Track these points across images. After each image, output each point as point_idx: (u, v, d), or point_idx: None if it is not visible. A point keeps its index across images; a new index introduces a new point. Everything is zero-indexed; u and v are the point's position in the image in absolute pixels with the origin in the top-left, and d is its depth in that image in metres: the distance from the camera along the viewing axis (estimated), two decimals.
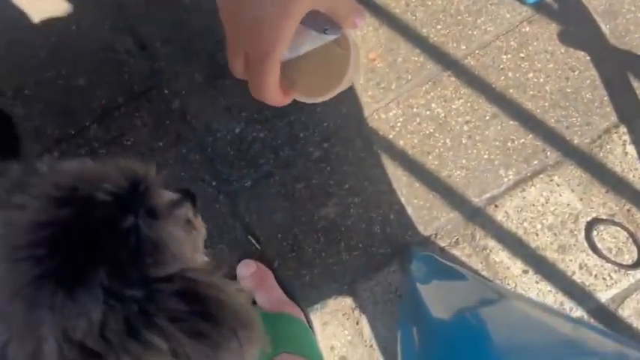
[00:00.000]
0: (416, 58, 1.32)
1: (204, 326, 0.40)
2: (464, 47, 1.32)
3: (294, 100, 0.50)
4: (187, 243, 0.47)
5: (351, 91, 1.31)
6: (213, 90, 1.34)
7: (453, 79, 1.31)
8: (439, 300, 0.82)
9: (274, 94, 0.45)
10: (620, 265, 1.19)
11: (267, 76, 0.42)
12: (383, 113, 1.31)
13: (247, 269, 1.22)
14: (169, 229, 0.44)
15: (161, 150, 1.32)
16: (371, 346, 1.23)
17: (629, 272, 1.19)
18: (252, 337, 0.43)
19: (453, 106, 1.30)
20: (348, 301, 1.26)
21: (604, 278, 1.20)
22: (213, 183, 1.32)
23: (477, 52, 1.31)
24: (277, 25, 0.40)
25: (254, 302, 1.16)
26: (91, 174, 0.43)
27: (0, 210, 0.41)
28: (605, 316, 1.19)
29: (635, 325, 1.19)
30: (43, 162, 0.45)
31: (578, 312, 1.19)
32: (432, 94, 1.30)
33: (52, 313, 0.36)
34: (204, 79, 1.35)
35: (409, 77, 1.32)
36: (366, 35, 1.33)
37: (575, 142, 1.26)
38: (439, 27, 1.33)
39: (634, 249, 1.20)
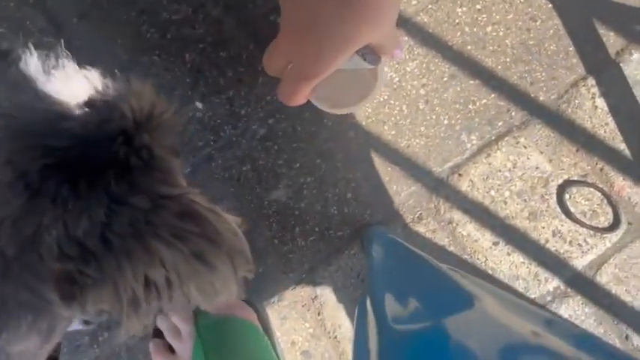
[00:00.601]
0: None
1: (205, 247, 0.40)
2: (415, 2, 1.19)
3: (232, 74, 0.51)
4: (180, 171, 0.47)
5: None
6: (139, 67, 1.19)
7: (405, 38, 1.18)
8: (399, 298, 0.71)
9: (300, 101, 0.50)
10: (596, 229, 1.10)
11: (305, 89, 0.47)
12: None
13: None
14: (175, 162, 0.45)
15: None
16: (335, 337, 1.13)
17: (605, 235, 1.10)
18: (243, 264, 0.44)
19: (407, 69, 1.18)
20: (307, 291, 1.15)
21: (579, 244, 1.11)
22: None
23: (429, 6, 1.19)
24: (337, 52, 0.44)
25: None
26: (118, 88, 0.43)
27: (15, 91, 0.40)
28: (583, 284, 1.11)
29: (613, 291, 1.12)
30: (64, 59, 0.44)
31: (554, 282, 1.11)
32: (383, 57, 1.18)
33: (54, 205, 0.36)
34: (129, 56, 1.20)
35: None
36: None
37: (541, 98, 1.15)
38: None
39: (609, 210, 1.11)
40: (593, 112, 1.14)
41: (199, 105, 1.20)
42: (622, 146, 1.12)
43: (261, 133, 1.19)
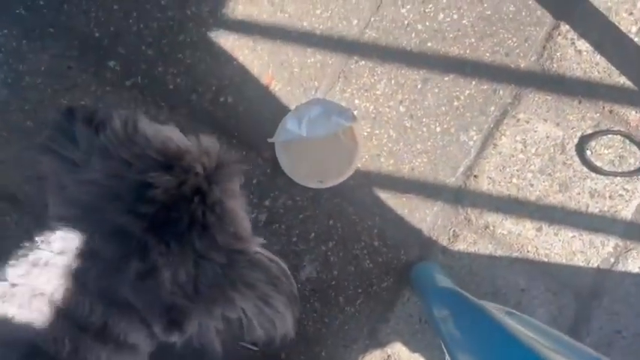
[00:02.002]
0: (312, 59, 1.10)
1: (269, 292, 0.48)
2: (355, 21, 1.10)
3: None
4: (247, 221, 0.53)
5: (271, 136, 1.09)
6: None
7: (362, 62, 1.10)
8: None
9: None
10: (629, 173, 1.04)
11: None
12: None
13: None
14: (240, 206, 0.51)
15: None
16: None
17: None
18: (297, 306, 0.52)
19: (378, 92, 1.10)
20: (377, 355, 1.09)
21: (620, 195, 1.05)
22: None
23: (372, 19, 1.10)
24: None
25: None
26: (184, 146, 0.49)
27: (105, 159, 0.46)
28: (639, 232, 1.06)
29: None
30: (141, 120, 0.50)
31: (610, 242, 1.05)
32: (348, 90, 1.10)
33: (163, 258, 0.44)
34: None
35: (316, 83, 1.10)
36: (245, 61, 1.10)
37: (523, 65, 1.08)
38: (318, 11, 1.10)
39: (634, 149, 1.05)
40: (579, 57, 1.07)
41: None
42: (621, 80, 1.06)
43: (263, 218, 1.11)
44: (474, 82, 1.09)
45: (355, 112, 1.08)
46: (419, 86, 1.09)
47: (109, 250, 0.44)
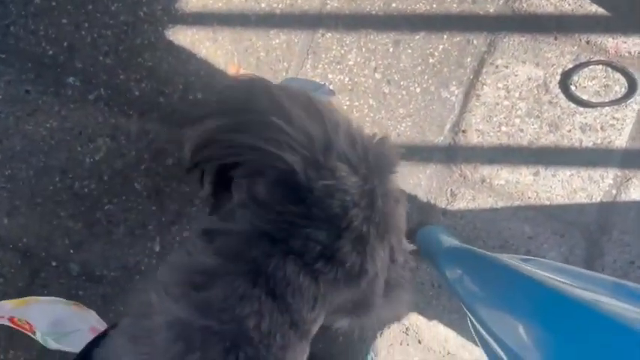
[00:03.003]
0: (276, 41, 1.06)
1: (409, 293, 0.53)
2: None
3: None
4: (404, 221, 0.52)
5: None
6: (95, 228, 1.06)
7: (329, 35, 1.06)
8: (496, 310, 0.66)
9: None
10: (617, 101, 1.02)
11: None
12: None
13: None
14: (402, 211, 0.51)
15: None
16: (448, 353, 1.05)
17: (629, 101, 1.02)
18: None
19: (350, 63, 1.06)
20: (395, 329, 1.06)
21: (611, 124, 1.03)
22: None
23: None
24: None
25: None
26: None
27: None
28: (636, 159, 1.04)
29: None
30: None
31: (610, 174, 1.03)
32: (320, 65, 1.06)
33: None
34: (81, 226, 1.06)
35: (285, 64, 1.06)
36: (209, 54, 1.06)
37: (492, 10, 1.05)
38: None
39: (618, 76, 1.03)
40: None
41: (187, 227, 1.08)
42: (593, 8, 1.03)
43: None
44: (445, 36, 1.05)
45: (331, 86, 1.04)
46: (391, 50, 1.06)
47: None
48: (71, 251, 1.08)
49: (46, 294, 1.08)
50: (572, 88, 1.03)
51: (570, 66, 1.03)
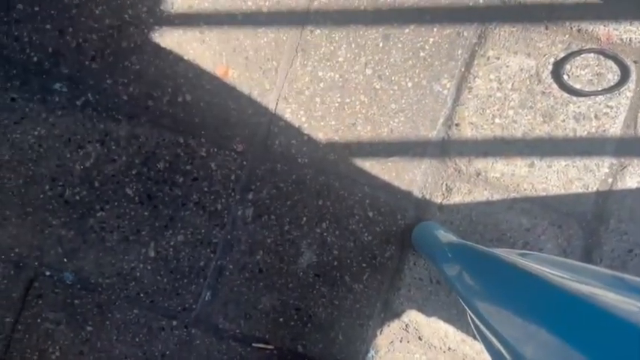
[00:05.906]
0: (265, 39, 1.05)
1: None
2: None
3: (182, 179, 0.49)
4: None
5: (244, 127, 1.04)
6: (87, 235, 1.05)
7: (317, 31, 1.05)
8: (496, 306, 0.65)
9: None
10: (610, 89, 1.01)
11: None
12: (280, 120, 1.05)
13: None
14: None
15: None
16: (449, 348, 1.05)
17: (622, 89, 1.01)
18: None
19: (340, 59, 1.05)
20: (395, 326, 1.06)
21: (605, 113, 1.02)
22: (174, 322, 1.06)
23: None
24: None
25: None
26: None
27: None
28: (630, 147, 1.03)
29: None
30: None
31: (605, 163, 1.03)
32: (309, 63, 1.05)
33: None
34: (73, 233, 1.05)
35: (274, 63, 1.05)
36: (196, 55, 1.04)
37: (481, 1, 1.04)
38: None
39: (610, 64, 1.02)
40: None
41: (180, 232, 1.06)
42: None
43: (250, 213, 1.06)
44: (435, 29, 1.04)
45: (321, 84, 1.03)
46: (381, 44, 1.05)
47: None
48: (65, 260, 1.07)
49: (40, 304, 1.06)
50: (565, 77, 1.02)
51: (562, 55, 1.02)
